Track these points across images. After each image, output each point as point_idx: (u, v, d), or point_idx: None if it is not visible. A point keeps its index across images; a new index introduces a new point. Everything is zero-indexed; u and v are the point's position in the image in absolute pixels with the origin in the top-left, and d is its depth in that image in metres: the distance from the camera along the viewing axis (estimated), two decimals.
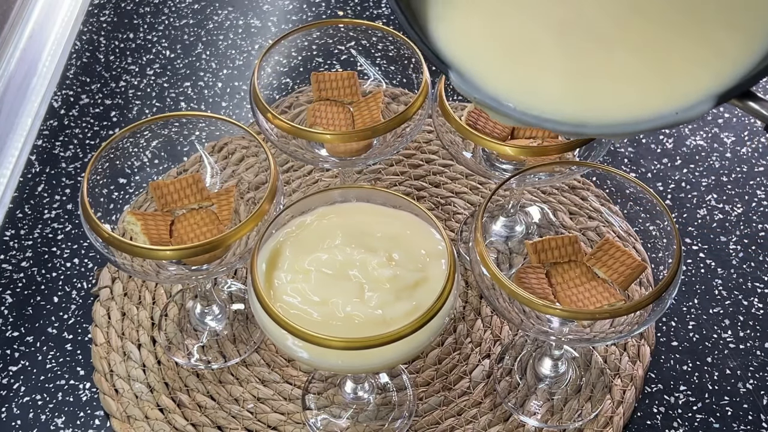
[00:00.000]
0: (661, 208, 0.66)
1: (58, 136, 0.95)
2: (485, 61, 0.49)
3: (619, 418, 0.73)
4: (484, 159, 0.77)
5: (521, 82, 0.48)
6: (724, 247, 0.85)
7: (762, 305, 0.81)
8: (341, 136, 0.73)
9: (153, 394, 0.75)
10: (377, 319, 0.60)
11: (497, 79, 0.48)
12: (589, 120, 0.46)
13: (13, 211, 0.88)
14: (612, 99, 0.46)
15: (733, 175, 0.91)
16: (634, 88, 0.46)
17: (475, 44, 0.49)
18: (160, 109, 0.97)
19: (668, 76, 0.46)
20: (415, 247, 0.64)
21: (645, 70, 0.46)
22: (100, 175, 0.69)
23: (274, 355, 0.78)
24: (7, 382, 0.76)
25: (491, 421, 0.74)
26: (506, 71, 0.48)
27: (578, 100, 0.47)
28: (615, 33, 0.47)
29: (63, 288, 0.82)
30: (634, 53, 0.47)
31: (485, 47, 0.49)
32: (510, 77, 0.48)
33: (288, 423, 0.74)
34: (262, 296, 0.59)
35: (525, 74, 0.48)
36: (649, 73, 0.46)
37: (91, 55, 1.03)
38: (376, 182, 0.90)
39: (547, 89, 0.47)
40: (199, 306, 0.79)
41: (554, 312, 0.60)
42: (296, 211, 0.66)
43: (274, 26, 1.07)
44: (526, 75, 0.48)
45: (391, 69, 0.82)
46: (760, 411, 0.75)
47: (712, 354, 0.78)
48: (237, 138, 0.88)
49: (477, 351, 0.78)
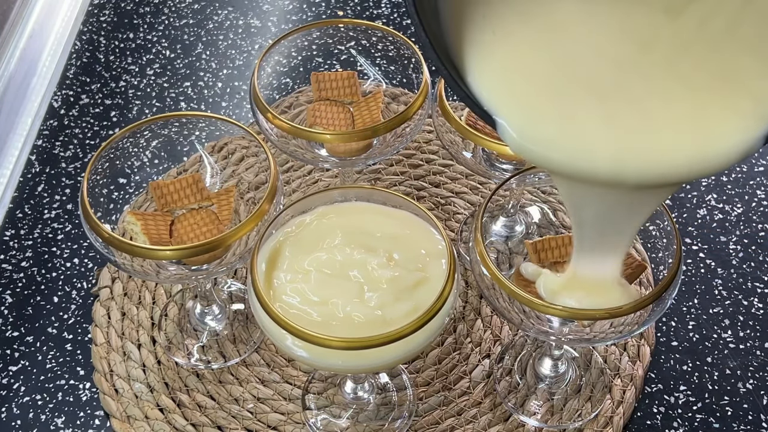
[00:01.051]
0: (661, 208, 0.66)
1: (58, 136, 0.95)
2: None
3: (619, 418, 0.73)
4: (484, 159, 0.77)
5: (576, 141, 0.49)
6: (724, 247, 0.85)
7: (762, 305, 0.81)
8: (341, 136, 0.73)
9: (153, 394, 0.75)
10: (377, 319, 0.60)
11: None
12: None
13: (13, 211, 0.88)
14: (662, 150, 0.48)
15: (733, 175, 0.91)
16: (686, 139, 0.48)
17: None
18: (160, 109, 0.97)
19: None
20: (415, 247, 0.64)
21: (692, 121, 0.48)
22: (100, 175, 0.69)
23: (274, 355, 0.78)
24: (7, 382, 0.76)
25: (491, 421, 0.74)
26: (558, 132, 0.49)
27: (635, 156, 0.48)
28: (655, 99, 0.48)
29: (63, 288, 0.82)
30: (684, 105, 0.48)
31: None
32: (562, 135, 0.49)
33: (288, 423, 0.74)
34: (261, 296, 0.59)
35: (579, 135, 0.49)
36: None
37: (91, 55, 1.03)
38: (376, 182, 0.90)
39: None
40: (199, 306, 0.79)
41: (554, 312, 0.60)
42: (296, 210, 0.66)
43: (274, 26, 1.07)
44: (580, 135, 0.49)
45: (391, 69, 0.82)
46: (760, 411, 0.75)
47: (712, 354, 0.78)
48: (237, 138, 0.88)
49: (477, 351, 0.78)
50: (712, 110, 0.47)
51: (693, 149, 0.47)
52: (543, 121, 0.49)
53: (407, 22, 1.07)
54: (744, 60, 0.48)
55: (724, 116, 0.47)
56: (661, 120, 0.48)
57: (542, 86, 0.49)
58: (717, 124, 0.47)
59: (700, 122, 0.47)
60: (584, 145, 0.48)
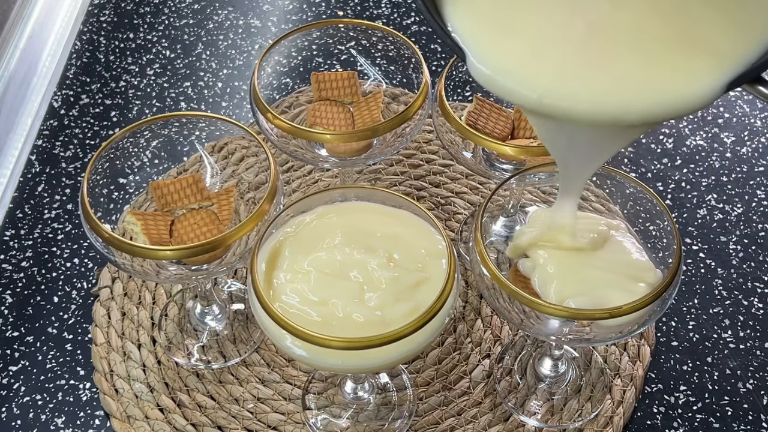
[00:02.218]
0: (661, 208, 0.66)
1: (58, 136, 0.95)
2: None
3: (619, 418, 0.73)
4: (484, 159, 0.77)
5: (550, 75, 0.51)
6: (724, 247, 0.85)
7: (762, 305, 0.81)
8: (341, 136, 0.73)
9: (153, 394, 0.75)
10: (377, 320, 0.60)
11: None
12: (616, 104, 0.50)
13: (13, 211, 0.88)
14: (634, 87, 0.50)
15: (733, 175, 0.91)
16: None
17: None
18: (160, 109, 0.97)
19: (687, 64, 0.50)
20: (415, 247, 0.64)
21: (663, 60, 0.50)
22: (100, 175, 0.69)
23: (274, 355, 0.78)
24: (7, 382, 0.76)
25: (491, 421, 0.74)
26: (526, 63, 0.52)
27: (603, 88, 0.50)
28: (632, 35, 0.51)
29: (63, 288, 0.82)
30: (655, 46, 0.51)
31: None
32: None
33: (288, 423, 0.74)
34: (261, 296, 0.59)
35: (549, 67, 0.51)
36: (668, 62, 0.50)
37: (91, 55, 1.04)
38: (376, 182, 0.90)
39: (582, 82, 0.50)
40: (199, 306, 0.79)
41: (554, 312, 0.60)
42: (296, 210, 0.66)
43: (274, 26, 1.07)
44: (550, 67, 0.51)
45: (391, 69, 0.82)
46: (760, 411, 0.75)
47: (712, 354, 0.78)
48: (237, 138, 0.88)
49: (477, 351, 0.78)
50: (673, 59, 0.50)
51: (650, 93, 0.49)
52: (512, 54, 0.51)
53: (407, 22, 1.07)
54: (709, 17, 0.50)
55: (685, 66, 0.49)
56: (624, 65, 0.50)
57: (515, 25, 0.52)
58: (677, 71, 0.49)
59: (660, 69, 0.49)
60: (549, 80, 0.50)
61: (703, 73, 0.49)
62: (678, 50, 0.50)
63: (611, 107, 0.49)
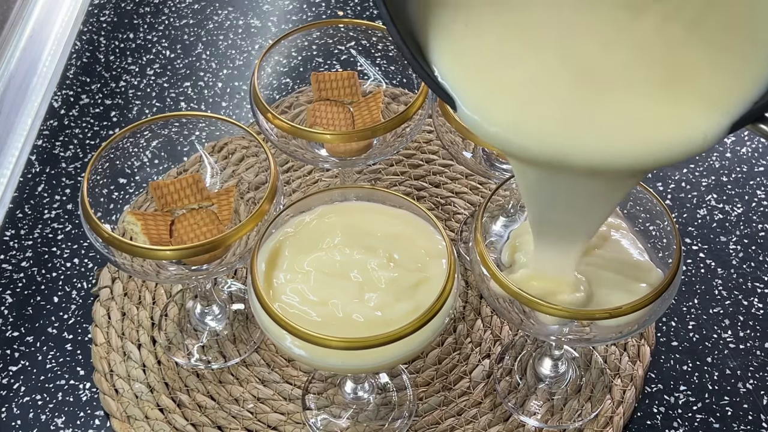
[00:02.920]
0: (661, 208, 0.66)
1: (58, 136, 0.95)
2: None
3: (619, 418, 0.73)
4: (484, 159, 0.77)
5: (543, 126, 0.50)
6: (724, 247, 0.85)
7: (762, 305, 0.81)
8: (341, 136, 0.73)
9: (153, 394, 0.75)
10: (377, 320, 0.60)
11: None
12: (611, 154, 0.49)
13: (13, 211, 0.88)
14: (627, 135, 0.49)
15: (733, 175, 0.91)
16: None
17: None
18: (160, 109, 0.97)
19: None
20: (415, 247, 0.64)
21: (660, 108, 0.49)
22: (100, 175, 0.69)
23: (274, 355, 0.78)
24: (7, 382, 0.76)
25: (491, 421, 0.74)
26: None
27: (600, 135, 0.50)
28: (625, 79, 0.50)
29: (63, 288, 0.82)
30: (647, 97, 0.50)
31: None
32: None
33: (288, 423, 0.74)
34: (261, 296, 0.59)
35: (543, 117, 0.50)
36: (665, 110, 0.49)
37: (91, 55, 1.04)
38: (376, 182, 0.90)
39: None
40: (199, 306, 0.79)
41: (554, 312, 0.60)
42: (296, 210, 0.66)
43: (274, 26, 1.07)
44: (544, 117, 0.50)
45: (391, 69, 0.82)
46: (760, 411, 0.75)
47: (712, 354, 0.78)
48: (237, 138, 0.88)
49: (477, 351, 0.78)
50: (674, 102, 0.49)
51: (643, 141, 0.49)
52: (504, 104, 0.51)
53: None
54: (701, 58, 0.49)
55: (687, 109, 0.49)
56: (617, 112, 0.49)
57: (505, 74, 0.51)
58: (680, 115, 0.49)
59: (653, 116, 0.49)
60: (540, 129, 0.50)
61: (704, 117, 0.48)
62: (678, 93, 0.49)
63: (613, 152, 0.49)
